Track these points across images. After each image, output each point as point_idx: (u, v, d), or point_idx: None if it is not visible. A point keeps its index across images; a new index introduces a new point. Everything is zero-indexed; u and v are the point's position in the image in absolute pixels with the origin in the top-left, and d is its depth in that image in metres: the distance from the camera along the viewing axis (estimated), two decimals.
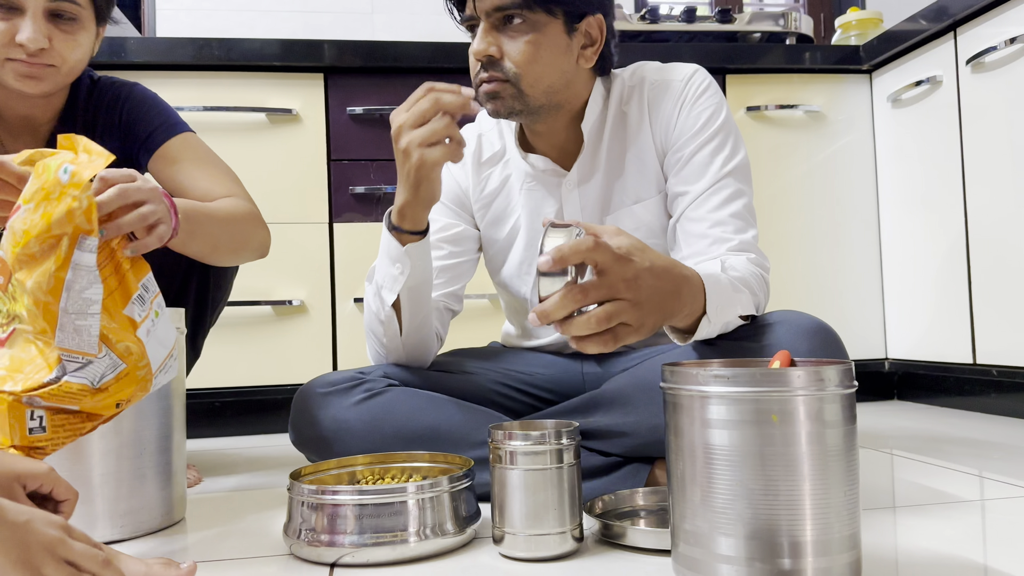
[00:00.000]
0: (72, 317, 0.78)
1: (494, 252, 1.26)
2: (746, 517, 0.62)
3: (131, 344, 0.82)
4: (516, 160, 1.20)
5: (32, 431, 0.79)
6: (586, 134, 1.14)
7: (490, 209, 1.24)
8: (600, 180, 1.16)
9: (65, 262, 0.77)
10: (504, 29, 1.04)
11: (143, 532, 0.96)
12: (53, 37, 1.08)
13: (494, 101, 1.06)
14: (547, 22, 1.05)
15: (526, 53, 1.04)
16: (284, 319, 1.84)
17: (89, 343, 0.79)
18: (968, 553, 0.79)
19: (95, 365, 0.79)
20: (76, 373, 0.78)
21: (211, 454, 1.61)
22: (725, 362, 0.78)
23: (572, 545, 0.81)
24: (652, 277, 0.77)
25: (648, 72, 1.16)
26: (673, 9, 2.16)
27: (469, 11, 1.06)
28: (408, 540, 0.81)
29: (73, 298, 0.78)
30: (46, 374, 0.78)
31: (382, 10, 2.59)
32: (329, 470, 0.98)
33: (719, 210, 1.06)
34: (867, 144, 2.07)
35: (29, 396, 0.77)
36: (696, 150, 1.09)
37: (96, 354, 0.79)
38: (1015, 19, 1.59)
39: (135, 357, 0.83)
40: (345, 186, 1.88)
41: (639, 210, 1.15)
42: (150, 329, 0.85)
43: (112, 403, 0.82)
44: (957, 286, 1.78)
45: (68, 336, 0.78)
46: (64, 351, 0.78)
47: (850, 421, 0.65)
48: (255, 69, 1.85)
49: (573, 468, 0.81)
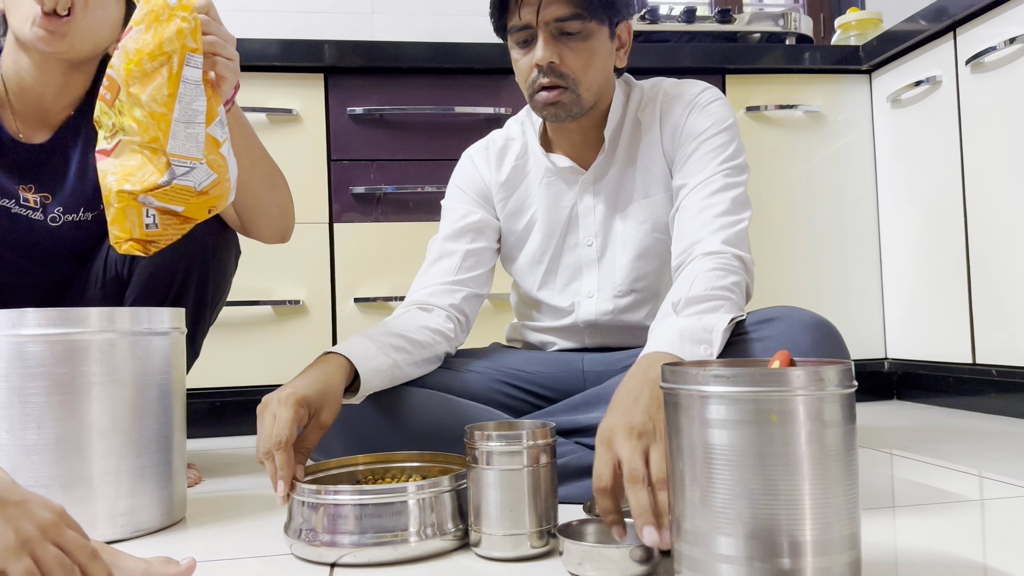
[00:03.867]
0: (183, 126, 0.89)
1: (511, 243, 1.31)
2: (746, 517, 0.62)
3: (217, 158, 0.94)
4: (537, 157, 1.26)
5: (148, 227, 0.92)
6: (607, 137, 1.20)
7: (510, 201, 1.29)
8: (614, 178, 1.22)
9: (176, 77, 0.88)
10: (562, 38, 1.10)
11: (143, 532, 0.96)
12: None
13: (553, 107, 1.13)
14: (598, 30, 1.12)
15: (585, 60, 1.12)
16: (284, 319, 1.84)
17: (197, 148, 0.90)
18: (968, 553, 0.79)
19: (197, 171, 0.91)
20: (183, 177, 0.90)
21: (211, 454, 1.61)
22: (725, 362, 0.78)
23: (549, 545, 0.81)
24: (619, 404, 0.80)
25: (665, 86, 1.23)
26: (673, 9, 2.16)
27: (527, 20, 1.10)
28: (408, 540, 0.81)
29: (183, 108, 0.89)
30: (159, 177, 0.89)
31: (382, 10, 2.59)
32: (330, 470, 0.98)
33: (710, 198, 1.09)
34: (867, 144, 2.07)
35: (145, 195, 0.89)
36: (698, 146, 1.14)
37: (201, 159, 0.91)
38: (1015, 19, 1.59)
39: (223, 171, 0.94)
40: (345, 186, 1.88)
41: (647, 205, 1.20)
42: (228, 150, 0.96)
43: (206, 207, 0.94)
44: (957, 286, 1.78)
45: (179, 143, 0.89)
46: (175, 156, 0.89)
47: (850, 421, 0.65)
48: (255, 69, 1.85)
49: (548, 467, 0.81)
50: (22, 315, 0.91)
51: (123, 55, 0.88)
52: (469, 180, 1.30)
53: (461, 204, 1.30)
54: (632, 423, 0.77)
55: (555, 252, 1.26)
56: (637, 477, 0.73)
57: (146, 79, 0.87)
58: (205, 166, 0.92)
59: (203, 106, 0.91)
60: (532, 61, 1.11)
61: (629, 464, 0.74)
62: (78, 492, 0.91)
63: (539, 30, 1.10)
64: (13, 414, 0.90)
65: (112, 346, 0.94)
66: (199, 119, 0.90)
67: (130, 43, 0.88)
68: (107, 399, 0.93)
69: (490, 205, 1.30)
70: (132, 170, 0.90)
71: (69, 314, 0.92)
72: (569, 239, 1.25)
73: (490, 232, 1.29)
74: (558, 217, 1.25)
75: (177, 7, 0.88)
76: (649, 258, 1.21)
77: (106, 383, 0.93)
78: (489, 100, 1.91)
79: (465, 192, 1.30)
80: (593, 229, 1.23)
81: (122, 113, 0.91)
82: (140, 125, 0.89)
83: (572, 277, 1.26)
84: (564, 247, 1.25)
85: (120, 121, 0.91)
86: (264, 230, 1.24)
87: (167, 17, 0.87)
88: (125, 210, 0.90)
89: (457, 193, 1.31)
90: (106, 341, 0.93)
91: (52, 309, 0.92)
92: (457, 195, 1.31)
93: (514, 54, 1.16)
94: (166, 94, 0.88)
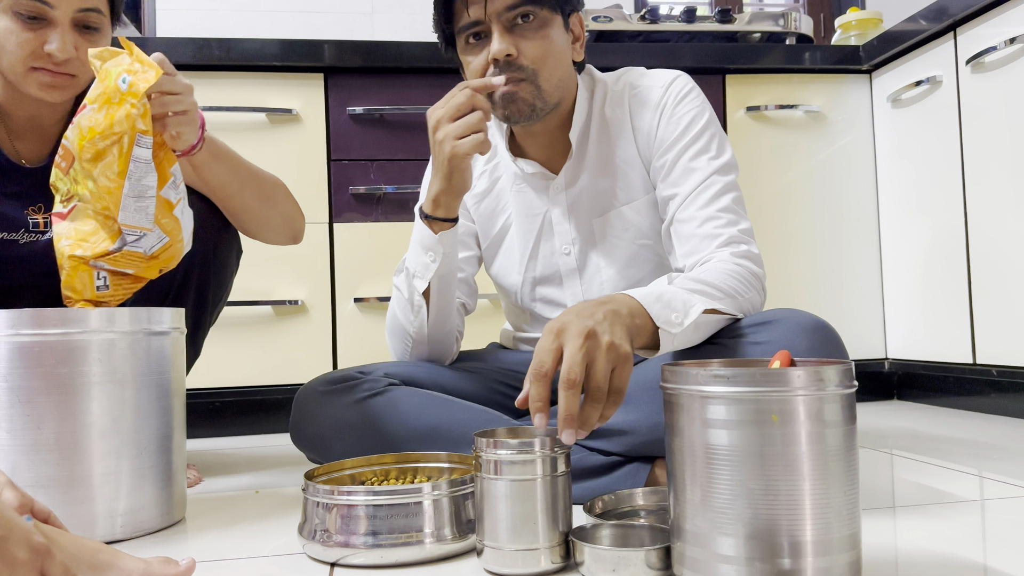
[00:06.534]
0: (133, 200, 0.94)
1: (485, 248, 1.29)
2: (746, 517, 0.62)
3: (170, 221, 0.99)
4: (506, 162, 1.23)
5: (99, 288, 0.98)
6: (574, 140, 1.16)
7: (481, 206, 1.26)
8: (587, 183, 1.18)
9: (126, 156, 0.93)
10: (516, 29, 1.07)
11: (143, 532, 0.96)
12: (79, 47, 1.09)
13: (513, 104, 1.08)
14: (552, 18, 1.09)
15: (542, 49, 1.08)
16: (284, 319, 1.84)
17: (147, 219, 0.96)
18: (968, 553, 0.79)
19: (148, 237, 0.97)
20: (134, 244, 0.96)
21: (211, 454, 1.61)
22: (725, 362, 0.78)
23: (560, 561, 0.76)
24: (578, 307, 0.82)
25: (631, 78, 1.19)
26: (673, 9, 2.16)
27: (476, 16, 1.06)
28: (424, 541, 0.81)
29: (133, 184, 0.94)
30: (110, 244, 0.96)
31: (382, 10, 2.59)
32: (344, 470, 0.97)
33: (708, 206, 1.07)
34: (867, 144, 2.07)
35: (96, 260, 0.96)
36: (680, 153, 1.11)
37: (151, 228, 0.97)
38: (1015, 19, 1.59)
39: (175, 233, 1.00)
40: (345, 186, 1.88)
41: (627, 212, 1.17)
42: (183, 209, 1.01)
43: (156, 268, 1.00)
44: (957, 286, 1.78)
45: (130, 214, 0.94)
46: (126, 226, 0.95)
47: (850, 421, 0.65)
48: (255, 69, 1.85)
49: (563, 479, 0.76)
50: (22, 315, 0.90)
51: (77, 130, 0.94)
52: None
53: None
54: (585, 324, 0.77)
55: (531, 261, 1.23)
56: (573, 381, 0.74)
57: (98, 155, 0.93)
58: (157, 231, 0.97)
59: (153, 180, 0.96)
60: (487, 58, 1.07)
61: (568, 363, 0.75)
62: (78, 492, 0.91)
63: (492, 23, 1.06)
64: (13, 414, 0.90)
65: (112, 346, 0.94)
66: (149, 193, 0.95)
67: (84, 120, 0.93)
68: (107, 399, 0.93)
69: (465, 208, 1.27)
70: (85, 235, 0.96)
71: (69, 314, 0.92)
72: (544, 247, 1.22)
73: (467, 239, 1.27)
74: (531, 225, 1.22)
75: (127, 93, 0.92)
76: (638, 266, 1.18)
77: (106, 383, 0.93)
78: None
79: None
80: (569, 237, 1.19)
81: (76, 181, 0.96)
82: (93, 195, 0.94)
83: (553, 288, 1.23)
84: (539, 256, 1.22)
85: (75, 188, 0.96)
86: (271, 237, 1.26)
87: (118, 100, 0.92)
88: (77, 273, 0.96)
89: None
90: (106, 341, 0.93)
91: (52, 309, 0.92)
92: None
93: (466, 58, 1.11)
94: (116, 171, 0.93)
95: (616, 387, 0.77)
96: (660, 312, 0.86)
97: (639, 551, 0.71)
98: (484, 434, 0.80)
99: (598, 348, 0.76)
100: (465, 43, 1.10)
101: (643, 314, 0.85)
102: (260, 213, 1.21)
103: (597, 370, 0.75)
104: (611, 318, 0.79)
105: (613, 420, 1.02)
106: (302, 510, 0.87)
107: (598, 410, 0.76)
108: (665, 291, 0.90)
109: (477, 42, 1.09)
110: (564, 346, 0.76)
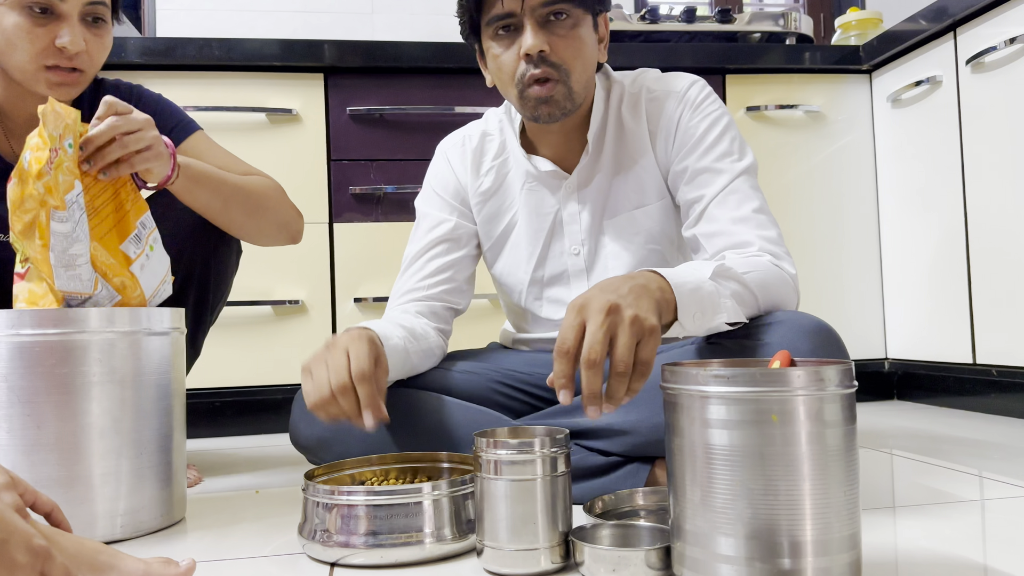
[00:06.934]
0: (63, 269, 0.93)
1: (488, 248, 1.27)
2: (746, 517, 0.62)
3: (125, 279, 0.98)
4: (518, 159, 1.21)
5: None
6: (591, 140, 1.15)
7: (486, 205, 1.24)
8: (599, 184, 1.17)
9: (45, 230, 0.91)
10: (548, 25, 1.06)
11: (143, 532, 0.96)
12: (88, 40, 1.09)
13: (545, 105, 1.07)
14: (584, 18, 1.08)
15: (573, 48, 1.07)
16: (284, 319, 1.84)
17: (84, 286, 0.95)
18: (968, 553, 0.79)
19: (94, 299, 0.96)
20: (79, 307, 0.95)
21: (211, 454, 1.61)
22: (725, 362, 0.78)
23: (560, 561, 0.76)
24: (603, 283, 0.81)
25: (647, 81, 1.18)
26: (673, 9, 2.16)
27: (510, 7, 1.04)
28: (424, 541, 0.81)
29: (58, 256, 0.92)
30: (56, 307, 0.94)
31: (382, 10, 2.59)
32: (344, 470, 0.97)
33: (737, 209, 1.06)
34: (867, 144, 2.07)
35: None
36: (702, 155, 1.10)
37: (92, 292, 0.95)
38: (1015, 19, 1.59)
39: (129, 290, 0.99)
40: (345, 186, 1.88)
41: (639, 215, 1.16)
42: (144, 264, 1.00)
43: None
44: (957, 286, 1.78)
45: (64, 282, 0.93)
46: (65, 292, 0.94)
47: (850, 421, 0.65)
48: (255, 69, 1.85)
49: (562, 479, 0.76)
50: (22, 315, 0.91)
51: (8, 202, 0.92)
52: (444, 182, 1.25)
53: (435, 211, 1.24)
54: (608, 299, 0.77)
55: (539, 260, 1.21)
56: (594, 361, 0.74)
57: (26, 228, 0.91)
58: (106, 290, 0.97)
59: (83, 248, 0.94)
60: (519, 52, 1.05)
61: (590, 341, 0.74)
62: (78, 492, 0.91)
63: (525, 17, 1.04)
64: (13, 414, 0.90)
65: (112, 346, 0.94)
66: (79, 261, 0.94)
67: (7, 190, 0.92)
68: (107, 399, 0.93)
69: (466, 207, 1.25)
70: (36, 297, 0.96)
71: (69, 314, 0.92)
72: (554, 247, 1.20)
73: (466, 239, 1.25)
74: (541, 224, 1.20)
75: (29, 174, 0.90)
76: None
77: (106, 383, 0.93)
78: (489, 100, 1.91)
79: (440, 196, 1.25)
80: (579, 237, 1.19)
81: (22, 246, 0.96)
82: (33, 261, 0.94)
83: (560, 288, 1.22)
84: (548, 255, 1.21)
85: (24, 251, 0.95)
86: (267, 242, 1.26)
87: (26, 179, 0.90)
88: None
89: (432, 197, 1.26)
90: (106, 341, 0.93)
91: (52, 309, 0.92)
92: (432, 199, 1.26)
93: (494, 50, 1.09)
94: (39, 244, 0.91)
95: (642, 359, 0.76)
96: (689, 305, 0.86)
97: (639, 551, 0.71)
98: (484, 434, 0.80)
99: (621, 323, 0.76)
100: (494, 33, 1.08)
101: (671, 293, 0.85)
102: (251, 225, 1.21)
103: (620, 344, 0.75)
104: (637, 291, 0.79)
105: (613, 420, 1.02)
106: (302, 510, 0.87)
107: (624, 384, 0.75)
108: (703, 285, 0.88)
109: (507, 34, 1.07)
110: (586, 322, 0.76)
